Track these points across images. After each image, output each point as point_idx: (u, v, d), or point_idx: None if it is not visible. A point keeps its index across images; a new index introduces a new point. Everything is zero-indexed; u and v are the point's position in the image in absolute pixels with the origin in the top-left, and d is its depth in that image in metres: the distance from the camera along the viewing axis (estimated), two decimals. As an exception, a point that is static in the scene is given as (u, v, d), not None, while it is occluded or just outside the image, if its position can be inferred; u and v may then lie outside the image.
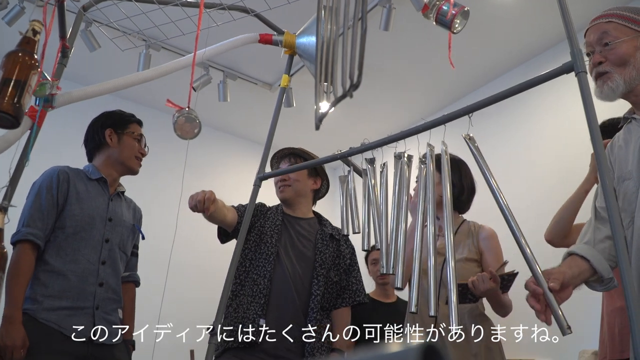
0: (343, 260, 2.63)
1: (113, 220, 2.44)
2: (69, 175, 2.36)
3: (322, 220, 2.74)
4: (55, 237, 2.28)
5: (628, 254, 1.59)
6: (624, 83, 1.66)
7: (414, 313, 1.63)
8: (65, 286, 2.23)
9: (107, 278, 2.36)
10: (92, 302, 2.28)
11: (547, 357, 3.64)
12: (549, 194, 3.88)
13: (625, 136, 1.73)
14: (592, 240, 1.69)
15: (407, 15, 3.67)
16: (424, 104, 5.19)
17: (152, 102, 5.05)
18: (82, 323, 2.22)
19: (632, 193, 1.62)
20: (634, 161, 1.64)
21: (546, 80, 1.42)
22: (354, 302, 2.61)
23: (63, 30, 2.13)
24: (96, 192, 2.43)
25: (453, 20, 1.75)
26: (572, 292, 1.58)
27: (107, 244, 2.39)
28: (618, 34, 1.68)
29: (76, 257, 2.29)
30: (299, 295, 2.47)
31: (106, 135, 2.48)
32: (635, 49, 1.67)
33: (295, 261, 2.52)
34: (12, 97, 1.25)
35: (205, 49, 2.20)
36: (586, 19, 3.69)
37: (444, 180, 1.66)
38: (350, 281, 2.63)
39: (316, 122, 1.21)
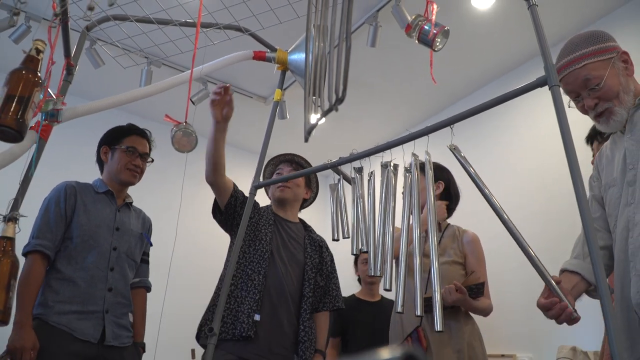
0: (325, 266, 2.62)
1: (120, 229, 2.45)
2: (76, 189, 2.39)
3: (307, 227, 2.72)
4: (66, 247, 2.30)
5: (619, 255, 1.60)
6: (625, 110, 1.63)
7: (400, 313, 1.62)
8: (75, 292, 2.24)
9: (115, 283, 2.37)
10: (101, 306, 2.29)
11: (527, 352, 3.64)
12: (528, 199, 3.89)
13: (612, 146, 1.73)
14: (581, 253, 1.69)
15: (392, 33, 3.68)
16: (407, 116, 5.20)
17: (154, 115, 5.03)
18: (92, 326, 2.23)
19: (616, 198, 1.62)
20: (618, 169, 1.64)
21: (522, 93, 1.41)
22: (333, 307, 2.59)
23: (67, 49, 2.12)
24: (103, 204, 2.44)
25: (434, 39, 1.75)
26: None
27: (115, 252, 2.40)
28: (599, 73, 1.64)
29: (85, 265, 2.30)
30: (291, 295, 2.44)
31: (102, 153, 2.54)
32: (617, 76, 1.64)
33: (287, 262, 2.48)
34: (15, 113, 1.24)
35: (203, 66, 2.19)
36: (559, 36, 3.72)
37: (428, 186, 1.65)
38: (330, 287, 2.61)
39: (305, 135, 1.20)
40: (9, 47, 3.35)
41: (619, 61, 1.66)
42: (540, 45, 1.42)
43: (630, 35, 3.54)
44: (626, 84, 1.64)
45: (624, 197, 1.58)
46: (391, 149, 1.75)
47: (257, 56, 2.32)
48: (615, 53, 1.67)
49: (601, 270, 1.16)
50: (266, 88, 4.94)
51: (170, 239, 2.68)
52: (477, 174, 1.54)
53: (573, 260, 1.69)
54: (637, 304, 1.46)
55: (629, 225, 1.53)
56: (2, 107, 1.24)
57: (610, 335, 1.11)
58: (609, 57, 1.65)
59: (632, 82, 1.66)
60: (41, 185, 2.35)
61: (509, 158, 4.28)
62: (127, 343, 2.37)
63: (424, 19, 1.81)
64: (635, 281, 1.48)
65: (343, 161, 1.90)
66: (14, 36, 3.49)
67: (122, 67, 2.78)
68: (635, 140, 1.59)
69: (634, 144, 1.59)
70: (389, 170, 1.80)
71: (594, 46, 1.67)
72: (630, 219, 1.53)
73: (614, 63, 1.64)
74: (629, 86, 1.64)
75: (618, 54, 1.67)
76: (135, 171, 2.53)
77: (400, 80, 4.65)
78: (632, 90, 1.64)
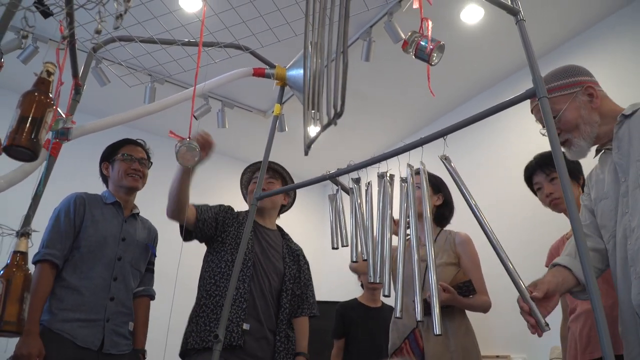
0: (303, 274, 2.60)
1: (126, 239, 2.46)
2: (85, 200, 2.41)
3: (284, 235, 2.70)
4: (72, 256, 2.31)
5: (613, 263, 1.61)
6: (584, 141, 1.70)
7: (398, 318, 1.62)
8: (79, 301, 2.25)
9: (118, 293, 2.37)
10: (103, 314, 2.29)
11: (521, 353, 3.63)
12: (517, 206, 3.90)
13: (601, 166, 1.76)
14: (573, 252, 1.71)
15: (385, 47, 3.70)
16: (403, 127, 5.22)
17: (159, 130, 5.04)
18: (93, 334, 2.24)
19: (610, 210, 1.65)
20: (610, 182, 1.67)
21: (512, 105, 1.42)
22: (310, 314, 2.57)
23: (75, 69, 2.12)
24: (111, 215, 2.46)
25: (431, 54, 1.75)
26: (558, 299, 1.59)
27: (120, 262, 2.40)
28: (558, 107, 1.71)
29: (90, 274, 2.31)
30: (272, 305, 2.44)
31: (103, 170, 2.58)
32: (577, 109, 1.70)
33: (267, 271, 2.47)
34: (29, 133, 1.25)
35: (205, 83, 2.20)
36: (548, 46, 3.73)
37: (423, 196, 1.65)
38: (307, 294, 2.60)
39: (305, 149, 1.21)
40: (16, 67, 3.36)
41: (583, 95, 1.72)
42: (528, 58, 1.43)
43: (616, 44, 3.56)
44: (588, 116, 1.70)
45: (620, 208, 1.60)
46: (387, 159, 1.75)
47: (256, 73, 2.33)
48: (579, 87, 1.72)
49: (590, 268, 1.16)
50: (265, 102, 4.96)
51: (177, 248, 2.68)
52: (464, 185, 1.54)
53: (565, 257, 1.71)
54: (638, 305, 1.48)
55: (626, 233, 1.56)
56: (16, 129, 1.25)
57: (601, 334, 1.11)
58: (571, 92, 1.72)
59: (599, 112, 1.71)
60: (51, 199, 2.36)
61: (500, 166, 4.29)
62: (125, 351, 2.36)
63: (420, 35, 1.82)
64: (636, 284, 1.49)
65: (341, 172, 1.91)
66: (22, 57, 3.51)
67: (127, 86, 2.79)
68: (622, 154, 1.62)
69: (622, 158, 1.62)
70: (385, 181, 1.80)
71: (559, 82, 1.74)
72: (627, 227, 1.55)
73: (575, 97, 1.71)
74: (592, 117, 1.70)
75: (582, 88, 1.72)
76: (136, 175, 2.54)
77: (395, 93, 4.67)
78: (596, 121, 1.70)
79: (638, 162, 1.55)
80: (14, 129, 1.25)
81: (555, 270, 1.68)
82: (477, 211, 1.50)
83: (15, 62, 3.48)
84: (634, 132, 1.60)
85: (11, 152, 1.26)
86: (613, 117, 1.68)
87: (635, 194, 1.54)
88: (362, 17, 3.62)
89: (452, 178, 1.56)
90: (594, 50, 3.67)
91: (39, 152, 1.28)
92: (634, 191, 1.55)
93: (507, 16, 1.54)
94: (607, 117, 1.70)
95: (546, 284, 1.56)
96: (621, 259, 1.57)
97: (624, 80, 3.31)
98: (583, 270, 1.18)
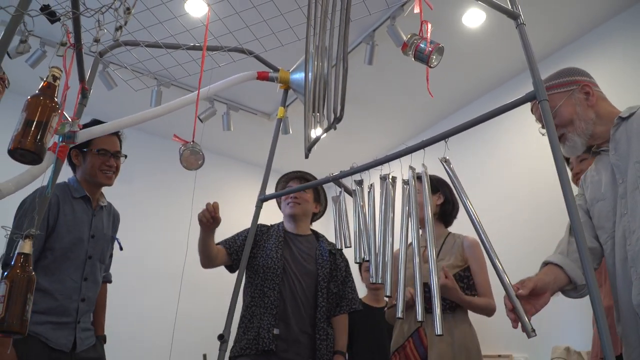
0: (340, 273, 2.62)
1: (95, 236, 2.34)
2: (58, 198, 2.26)
3: (319, 237, 2.74)
4: (45, 258, 2.20)
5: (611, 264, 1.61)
6: (578, 136, 1.71)
7: (400, 318, 1.61)
8: (51, 304, 2.16)
9: (88, 293, 2.29)
10: (74, 317, 2.22)
11: (523, 352, 3.61)
12: (519, 207, 3.89)
13: (597, 166, 1.76)
14: (565, 251, 1.70)
15: (388, 51, 3.69)
16: (405, 129, 5.21)
17: (164, 132, 5.05)
18: (65, 336, 2.17)
19: (608, 212, 1.65)
20: (607, 184, 1.66)
21: (513, 107, 1.42)
22: (350, 310, 2.61)
23: (82, 73, 2.12)
24: (81, 210, 2.32)
25: (430, 56, 1.75)
26: (550, 297, 1.58)
27: (90, 260, 2.30)
28: (554, 103, 1.73)
29: (62, 277, 2.21)
30: (304, 307, 2.47)
31: (72, 157, 2.38)
32: (573, 107, 1.72)
33: (299, 275, 2.52)
34: (34, 137, 1.25)
35: (210, 86, 2.20)
36: (548, 49, 3.73)
37: (425, 198, 1.64)
38: (346, 291, 2.62)
39: (305, 151, 1.20)
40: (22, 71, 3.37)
41: (580, 93, 1.73)
42: (529, 62, 1.43)
43: (616, 48, 3.54)
44: (583, 113, 1.71)
45: (618, 209, 1.60)
46: (389, 162, 1.75)
47: (260, 76, 2.33)
48: (576, 86, 1.74)
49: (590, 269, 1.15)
50: (269, 105, 4.95)
51: (182, 250, 2.68)
52: (461, 186, 1.54)
53: (557, 255, 1.71)
54: (638, 305, 1.47)
55: (625, 234, 1.55)
56: (22, 132, 1.25)
57: (602, 335, 1.10)
58: (568, 90, 1.74)
59: (595, 110, 1.72)
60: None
61: (501, 168, 4.27)
62: (90, 343, 2.30)
63: (419, 38, 1.82)
64: (637, 284, 1.49)
65: (344, 174, 1.91)
66: (30, 61, 3.51)
67: (133, 89, 2.79)
68: (619, 156, 1.63)
69: (620, 160, 1.62)
70: (387, 183, 1.80)
71: (557, 80, 1.77)
72: (626, 228, 1.55)
73: (572, 94, 1.73)
74: (588, 115, 1.71)
75: (579, 86, 1.74)
76: (110, 171, 2.39)
77: (397, 96, 4.66)
78: (591, 118, 1.71)
79: (637, 163, 1.55)
80: (19, 132, 1.25)
81: (547, 268, 1.67)
82: (470, 210, 1.50)
83: (21, 66, 3.49)
84: (632, 134, 1.60)
85: (16, 155, 1.26)
86: (610, 118, 1.69)
87: (635, 196, 1.54)
88: (365, 21, 3.61)
89: (450, 180, 1.56)
90: (594, 54, 3.65)
91: (43, 155, 1.28)
92: (632, 192, 1.54)
93: (508, 20, 1.54)
94: (604, 118, 1.71)
95: (533, 281, 1.55)
96: (621, 259, 1.56)
97: (623, 84, 3.30)
98: (584, 269, 1.17)
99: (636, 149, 1.57)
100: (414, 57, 1.81)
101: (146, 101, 3.97)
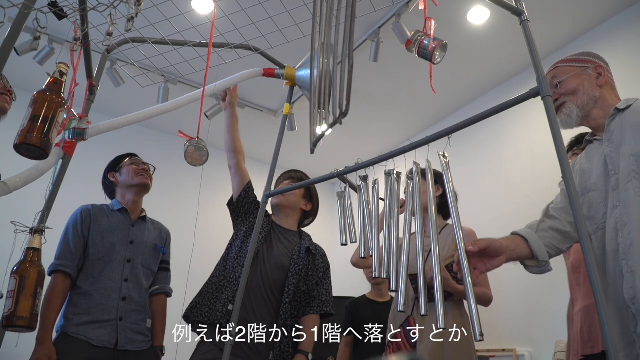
0: (316, 273, 2.54)
1: (135, 242, 2.51)
2: (91, 212, 2.49)
3: (302, 236, 2.67)
4: (84, 265, 2.39)
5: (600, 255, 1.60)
6: (577, 108, 1.71)
7: (401, 312, 1.60)
8: (90, 304, 2.32)
9: (130, 293, 2.42)
10: (115, 314, 2.34)
11: (526, 346, 3.61)
12: (521, 202, 3.87)
13: (588, 156, 1.75)
14: (535, 227, 1.70)
15: (393, 48, 3.69)
16: (410, 126, 5.21)
17: (171, 130, 5.06)
18: (108, 333, 2.30)
19: (599, 203, 1.63)
20: (599, 175, 1.65)
21: (516, 104, 1.40)
22: (321, 312, 2.50)
23: (90, 70, 2.13)
24: (118, 221, 2.52)
25: (433, 53, 1.74)
26: (504, 261, 1.56)
27: (130, 264, 2.46)
28: (564, 74, 1.75)
29: (100, 278, 2.38)
30: (269, 298, 2.40)
31: (110, 178, 2.64)
32: (582, 81, 1.73)
33: (268, 266, 2.44)
34: (40, 132, 1.25)
35: (217, 83, 2.20)
36: (553, 46, 3.71)
37: (429, 191, 1.64)
38: (320, 292, 2.54)
39: (311, 147, 1.20)
40: (29, 67, 3.38)
41: (593, 71, 1.74)
42: (533, 58, 1.42)
43: (620, 45, 3.52)
44: (590, 89, 1.71)
45: (610, 201, 1.59)
46: (394, 157, 1.74)
47: (266, 73, 2.33)
48: (591, 65, 1.75)
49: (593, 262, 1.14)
50: (276, 102, 4.96)
51: (189, 245, 2.68)
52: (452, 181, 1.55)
53: (525, 229, 1.69)
54: (630, 299, 1.46)
55: (617, 227, 1.54)
56: (28, 127, 1.25)
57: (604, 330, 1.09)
58: (581, 66, 1.75)
59: (600, 92, 1.72)
60: (66, 197, 2.38)
61: (505, 164, 4.26)
62: (143, 347, 2.42)
63: (423, 34, 1.81)
64: (628, 278, 1.48)
65: (349, 170, 1.90)
66: (38, 58, 3.52)
67: (140, 86, 2.79)
68: (613, 147, 1.62)
69: (613, 151, 1.61)
70: (392, 178, 1.79)
71: (575, 56, 1.79)
72: (618, 220, 1.54)
73: (584, 70, 1.74)
74: (593, 92, 1.71)
75: (594, 66, 1.75)
76: (146, 174, 2.63)
77: (402, 93, 4.65)
78: (595, 95, 1.71)
79: (631, 156, 1.55)
80: (26, 127, 1.25)
81: (511, 236, 1.66)
82: (451, 205, 1.51)
83: (28, 62, 3.50)
84: (627, 126, 1.60)
85: (22, 150, 1.26)
86: (610, 106, 1.69)
87: (627, 188, 1.53)
88: (371, 18, 3.60)
89: (443, 173, 1.56)
90: (599, 50, 3.63)
91: (49, 150, 1.28)
92: (625, 185, 1.54)
93: (513, 17, 1.53)
94: (604, 103, 1.70)
95: (487, 242, 1.53)
96: (612, 251, 1.55)
97: (627, 81, 3.28)
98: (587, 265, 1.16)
99: (630, 142, 1.57)
100: (417, 54, 1.80)
101: (153, 98, 3.97)
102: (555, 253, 1.69)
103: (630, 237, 1.49)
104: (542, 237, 1.66)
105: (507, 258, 1.57)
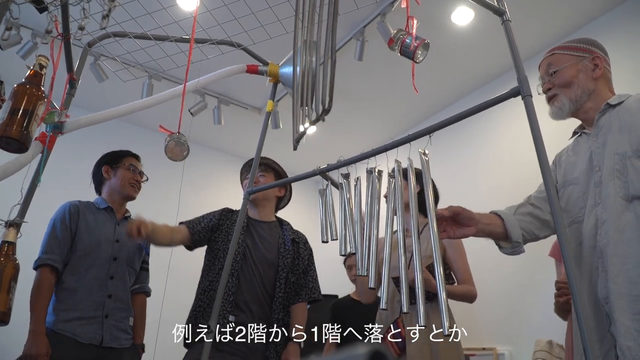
0: (302, 262, 2.56)
1: (120, 241, 2.52)
2: (79, 208, 2.49)
3: (283, 224, 2.66)
4: (70, 260, 2.39)
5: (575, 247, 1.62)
6: (569, 101, 1.69)
7: (384, 310, 1.61)
8: (76, 300, 2.32)
9: (115, 290, 2.44)
10: (101, 311, 2.36)
11: (506, 345, 3.64)
12: (502, 199, 3.90)
13: (575, 148, 1.75)
14: (513, 210, 1.73)
15: (378, 47, 3.70)
16: (392, 125, 5.23)
17: (153, 125, 5.01)
18: (93, 330, 2.31)
19: (578, 197, 1.64)
20: (583, 169, 1.66)
21: (496, 103, 1.42)
22: (309, 299, 2.53)
23: (70, 64, 2.11)
24: (104, 219, 2.54)
25: (415, 51, 1.75)
26: (474, 233, 1.59)
27: (115, 262, 2.47)
28: (560, 62, 1.73)
29: (86, 275, 2.38)
30: (262, 296, 2.41)
31: (103, 172, 2.62)
32: (577, 72, 1.70)
33: (258, 264, 2.44)
34: (20, 125, 1.24)
35: (199, 79, 2.19)
36: (532, 50, 3.74)
37: (410, 190, 1.65)
38: (307, 280, 2.56)
39: (294, 143, 1.20)
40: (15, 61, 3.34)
41: (589, 62, 1.72)
42: (514, 57, 1.43)
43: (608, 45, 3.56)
44: (584, 81, 1.70)
45: (591, 197, 1.59)
46: (375, 155, 1.75)
47: (250, 70, 2.33)
48: (588, 55, 1.73)
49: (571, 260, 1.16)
50: (260, 99, 4.94)
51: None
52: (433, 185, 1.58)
53: (503, 209, 1.72)
54: (604, 298, 1.48)
55: (597, 224, 1.55)
56: (7, 120, 1.24)
57: (581, 326, 1.11)
58: (578, 55, 1.73)
59: (595, 84, 1.70)
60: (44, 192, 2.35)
61: (488, 164, 4.30)
62: (125, 344, 2.43)
63: (405, 33, 1.82)
64: (602, 276, 1.50)
65: (331, 167, 1.91)
66: (21, 52, 3.47)
67: (122, 80, 2.78)
68: (600, 143, 1.62)
69: (600, 147, 1.62)
70: (373, 176, 1.80)
71: (569, 44, 1.77)
72: (598, 217, 1.55)
73: (581, 60, 1.72)
74: (587, 85, 1.69)
75: (591, 56, 1.72)
76: (137, 186, 2.65)
77: (387, 92, 4.67)
78: (589, 89, 1.69)
79: (616, 155, 1.55)
80: (5, 120, 1.25)
81: (488, 214, 1.69)
82: (428, 202, 1.53)
83: (12, 56, 3.45)
84: (615, 123, 1.60)
85: (1, 144, 1.25)
86: (603, 99, 1.68)
87: (609, 187, 1.54)
88: (356, 17, 3.61)
89: (422, 171, 1.58)
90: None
91: (29, 144, 1.27)
92: (607, 183, 1.54)
93: (496, 18, 1.54)
94: (598, 96, 1.70)
95: (461, 208, 1.57)
96: (590, 247, 1.56)
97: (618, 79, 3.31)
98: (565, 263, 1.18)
99: (617, 140, 1.57)
100: (399, 53, 1.81)
101: (133, 93, 3.93)
102: (531, 238, 1.72)
103: (607, 236, 1.50)
104: (520, 220, 1.69)
105: (477, 230, 1.60)
